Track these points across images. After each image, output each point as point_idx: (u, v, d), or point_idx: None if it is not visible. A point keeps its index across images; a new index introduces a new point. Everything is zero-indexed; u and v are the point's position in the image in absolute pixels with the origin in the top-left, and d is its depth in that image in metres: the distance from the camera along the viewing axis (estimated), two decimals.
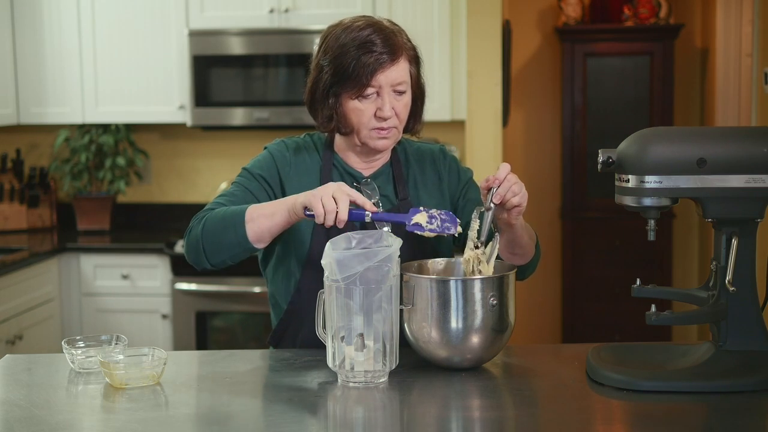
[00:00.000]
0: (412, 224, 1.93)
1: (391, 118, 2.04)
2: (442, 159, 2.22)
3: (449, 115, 4.38)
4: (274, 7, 4.43)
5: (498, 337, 1.89)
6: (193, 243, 2.03)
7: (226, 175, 4.83)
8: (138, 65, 4.53)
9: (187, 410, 1.76)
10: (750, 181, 1.79)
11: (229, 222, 1.98)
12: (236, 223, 1.97)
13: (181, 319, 4.29)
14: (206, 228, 2.00)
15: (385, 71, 2.01)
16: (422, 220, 1.93)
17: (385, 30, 2.04)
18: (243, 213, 1.98)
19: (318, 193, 1.88)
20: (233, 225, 1.97)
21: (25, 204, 4.74)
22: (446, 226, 1.94)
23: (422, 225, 1.93)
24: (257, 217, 1.96)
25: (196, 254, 2.03)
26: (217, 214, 2.01)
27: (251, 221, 1.96)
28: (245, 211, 1.98)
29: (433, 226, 1.93)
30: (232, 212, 2.00)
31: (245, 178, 2.14)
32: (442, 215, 1.94)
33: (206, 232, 2.00)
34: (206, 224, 2.01)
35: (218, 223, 1.99)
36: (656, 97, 5.19)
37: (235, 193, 2.10)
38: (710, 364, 1.83)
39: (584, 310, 5.31)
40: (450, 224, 1.94)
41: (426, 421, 1.71)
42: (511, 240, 2.02)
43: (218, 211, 2.02)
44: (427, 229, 1.93)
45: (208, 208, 2.07)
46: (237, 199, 2.09)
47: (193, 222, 2.05)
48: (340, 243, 1.83)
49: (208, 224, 2.00)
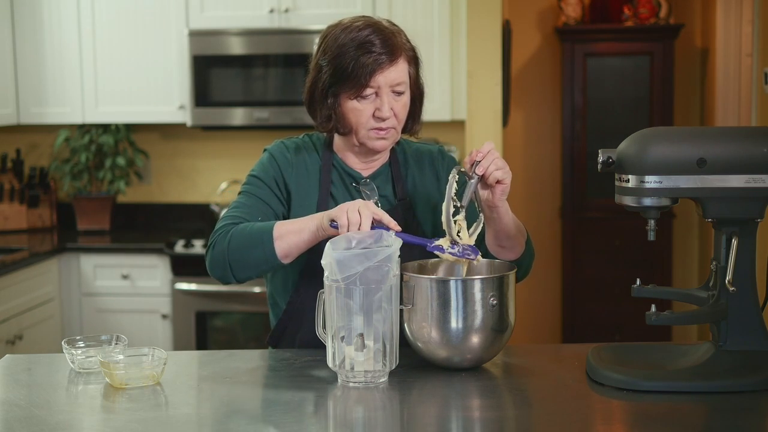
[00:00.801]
0: (433, 245, 1.93)
1: (390, 118, 2.04)
2: (440, 160, 2.22)
3: (449, 115, 4.39)
4: (274, 7, 4.43)
5: (498, 337, 1.89)
6: (219, 259, 2.02)
7: (226, 175, 4.84)
8: (138, 65, 4.53)
9: (187, 410, 1.76)
10: (750, 181, 1.79)
11: (257, 239, 1.98)
12: (264, 240, 1.97)
13: (181, 319, 4.29)
14: (232, 244, 2.00)
15: (384, 72, 2.01)
16: (445, 243, 1.94)
17: (384, 30, 2.04)
18: (271, 230, 1.98)
19: (344, 207, 1.90)
20: (261, 242, 1.97)
21: (25, 204, 4.74)
22: (467, 252, 1.94)
23: (443, 247, 1.93)
24: (285, 233, 1.97)
25: (222, 270, 2.03)
26: (243, 231, 2.01)
27: (279, 238, 1.97)
28: (273, 228, 1.98)
29: (455, 251, 1.94)
30: (259, 229, 2.00)
31: (254, 186, 2.13)
32: (465, 246, 1.95)
33: (233, 249, 2.00)
34: (232, 240, 2.00)
35: (245, 239, 1.99)
36: (656, 97, 5.19)
37: (247, 203, 2.10)
38: (710, 364, 1.83)
39: (584, 310, 5.31)
40: (471, 252, 1.95)
41: (426, 421, 1.71)
42: (498, 230, 2.02)
43: (243, 227, 2.01)
44: (447, 251, 1.93)
45: (227, 222, 2.06)
46: (251, 209, 2.08)
47: (216, 237, 2.04)
48: (340, 243, 1.83)
49: (234, 241, 2.00)
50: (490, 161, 1.92)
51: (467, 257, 1.94)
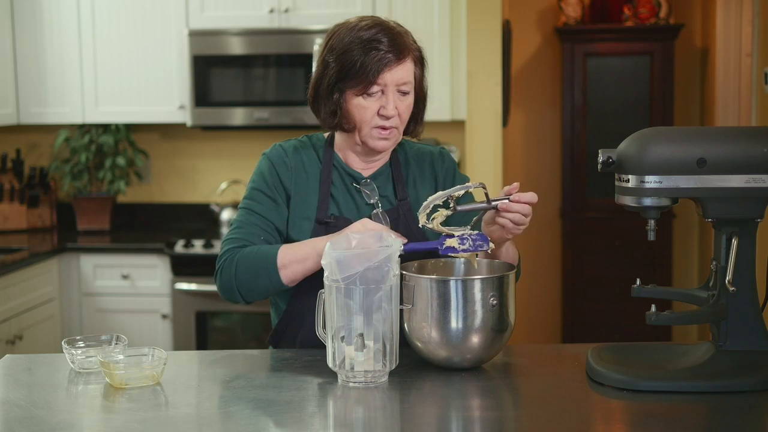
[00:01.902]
0: (444, 248, 1.93)
1: (394, 117, 2.04)
2: (440, 161, 2.22)
3: (449, 115, 4.38)
4: (274, 7, 4.43)
5: (498, 337, 1.89)
6: (227, 286, 2.07)
7: (226, 175, 4.84)
8: (138, 65, 4.53)
9: (187, 410, 1.76)
10: (750, 181, 1.79)
11: (262, 268, 2.02)
12: (269, 269, 2.01)
13: (181, 319, 4.29)
14: (239, 272, 2.04)
15: (392, 70, 2.02)
16: (454, 243, 1.93)
17: (392, 30, 2.04)
18: (275, 259, 2.01)
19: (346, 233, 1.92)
20: (266, 271, 2.02)
21: (25, 204, 4.74)
22: (479, 244, 1.93)
23: (455, 248, 1.92)
24: (289, 263, 2.00)
25: (231, 295, 2.08)
26: (248, 258, 2.04)
27: (284, 268, 2.01)
28: (276, 256, 2.01)
29: (466, 246, 1.93)
30: (263, 257, 2.02)
31: (254, 201, 2.13)
32: (473, 236, 1.94)
33: (240, 277, 2.04)
34: (239, 269, 2.04)
35: (251, 268, 2.03)
36: (656, 97, 5.19)
37: (248, 221, 2.11)
38: (710, 364, 1.83)
39: (584, 310, 5.31)
40: (482, 242, 1.93)
41: (426, 421, 1.71)
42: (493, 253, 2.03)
43: (248, 254, 2.04)
44: (460, 250, 1.93)
45: (231, 246, 2.07)
46: (252, 228, 2.09)
47: (222, 264, 2.07)
48: (340, 243, 1.83)
49: (241, 269, 2.04)
50: (520, 209, 1.91)
51: (480, 249, 1.93)
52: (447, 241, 1.93)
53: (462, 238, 1.93)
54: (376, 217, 2.10)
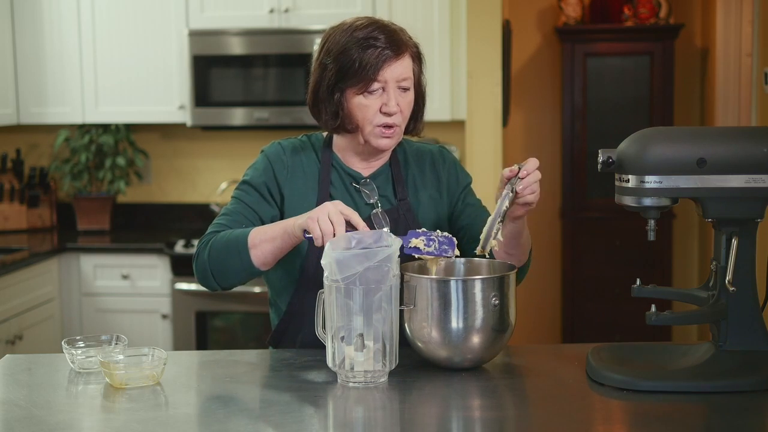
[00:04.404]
0: (409, 247, 1.93)
1: (396, 114, 2.04)
2: (441, 160, 2.22)
3: (449, 115, 4.38)
4: (274, 7, 4.43)
5: (498, 337, 1.89)
6: (201, 269, 2.06)
7: (226, 175, 4.84)
8: (138, 65, 4.53)
9: (187, 410, 1.76)
10: (750, 181, 1.79)
11: (233, 248, 2.00)
12: (240, 249, 1.99)
13: (181, 319, 4.29)
14: (212, 254, 2.03)
15: (391, 66, 2.02)
16: (420, 244, 1.93)
17: (387, 27, 2.05)
18: (246, 239, 1.99)
19: (315, 215, 1.88)
20: (237, 251, 2.00)
21: (25, 204, 4.74)
22: (444, 248, 1.93)
23: (420, 248, 1.93)
24: (259, 242, 1.98)
25: (205, 279, 2.07)
26: (221, 240, 2.03)
27: (254, 247, 1.99)
28: (247, 236, 2.00)
29: (431, 248, 1.93)
30: (235, 238, 2.01)
31: (243, 192, 2.14)
32: (440, 238, 1.94)
33: (212, 259, 2.03)
34: (211, 250, 2.03)
35: (222, 249, 2.02)
36: (656, 97, 5.19)
37: (234, 210, 2.12)
38: (710, 364, 1.83)
39: (584, 310, 5.31)
40: (448, 247, 1.94)
41: (426, 421, 1.71)
42: (511, 236, 2.02)
43: (222, 237, 2.03)
44: (424, 252, 1.93)
45: (211, 230, 2.08)
46: (237, 216, 2.10)
47: (199, 247, 2.07)
48: (339, 243, 1.83)
49: (213, 251, 2.03)
50: (530, 183, 1.91)
51: (444, 255, 1.93)
52: (413, 241, 1.93)
53: (429, 238, 1.93)
54: (376, 217, 2.10)
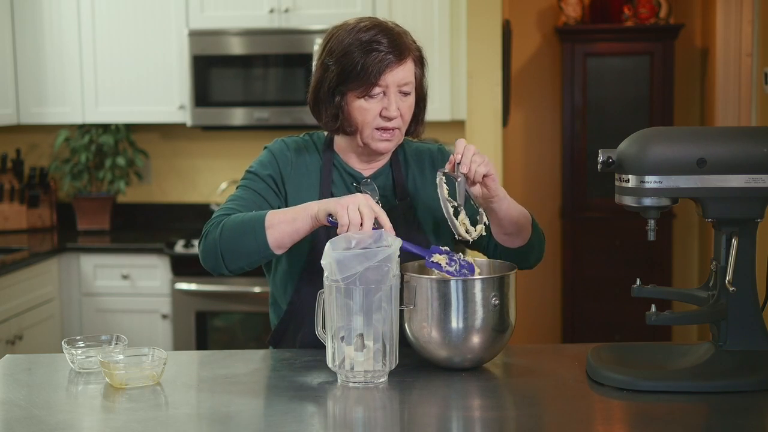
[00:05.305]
0: (431, 262, 1.92)
1: (396, 118, 2.04)
2: (440, 159, 2.22)
3: (449, 115, 4.38)
4: (274, 7, 4.43)
5: (498, 337, 1.89)
6: (211, 249, 2.00)
7: (226, 175, 4.84)
8: (138, 65, 4.53)
9: (187, 410, 1.76)
10: (750, 181, 1.79)
11: (249, 228, 1.95)
12: (256, 229, 1.95)
13: (181, 319, 4.29)
14: (224, 234, 1.98)
15: (393, 71, 2.01)
16: (442, 261, 1.92)
17: (391, 31, 2.04)
18: (263, 219, 1.95)
19: (345, 203, 1.86)
20: (253, 231, 1.95)
21: (25, 204, 4.74)
22: (464, 272, 1.93)
23: (441, 265, 1.92)
24: (277, 223, 1.94)
25: (214, 260, 2.00)
26: (235, 220, 1.99)
27: (271, 227, 1.94)
28: (265, 216, 1.95)
29: (452, 269, 1.92)
30: (250, 218, 1.97)
31: (251, 180, 2.13)
32: (461, 261, 1.94)
33: (224, 239, 1.97)
34: (224, 230, 1.98)
35: (237, 229, 1.97)
36: (656, 97, 5.19)
37: (243, 196, 2.10)
38: (710, 364, 1.83)
39: (584, 310, 5.31)
40: (468, 272, 1.93)
41: (426, 421, 1.71)
42: (501, 218, 2.02)
43: (236, 217, 1.99)
44: (444, 270, 1.91)
45: (221, 213, 2.04)
46: (247, 202, 2.08)
47: (208, 227, 2.02)
48: (339, 243, 1.83)
49: (226, 230, 1.98)
50: (469, 158, 1.91)
51: (464, 277, 1.91)
52: (435, 256, 1.92)
53: (451, 258, 1.93)
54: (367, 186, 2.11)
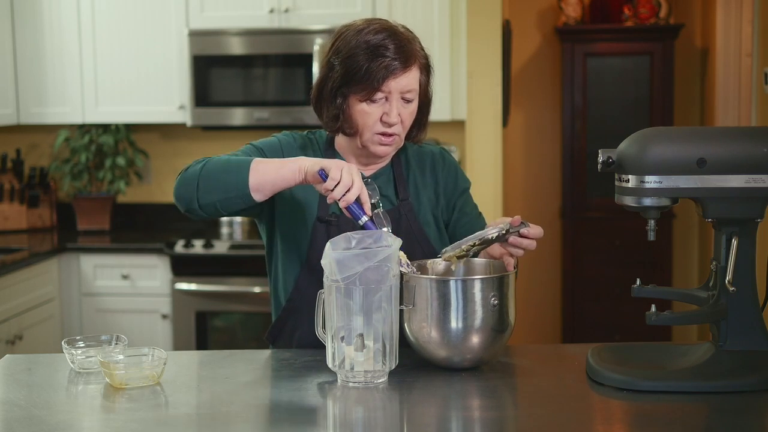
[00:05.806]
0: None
1: (396, 124, 2.04)
2: (441, 162, 2.21)
3: (449, 115, 4.38)
4: (274, 7, 4.43)
5: (498, 337, 1.89)
6: (189, 178, 2.00)
7: None
8: (138, 65, 4.53)
9: (187, 410, 1.76)
10: (750, 181, 1.79)
11: (234, 165, 1.98)
12: (241, 167, 1.97)
13: (181, 319, 4.29)
14: (207, 167, 2.00)
15: (397, 77, 2.01)
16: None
17: (399, 36, 2.03)
18: (249, 160, 1.98)
19: (340, 164, 1.88)
20: (237, 168, 1.97)
21: (25, 204, 4.74)
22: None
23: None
24: (263, 166, 1.96)
25: (187, 190, 2.00)
26: (221, 158, 2.03)
27: (256, 169, 1.96)
28: (252, 159, 1.98)
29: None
30: (237, 158, 2.01)
31: (249, 149, 2.15)
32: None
33: (206, 170, 1.99)
34: (208, 164, 2.01)
35: (221, 164, 1.99)
36: (656, 97, 5.19)
37: (242, 152, 2.12)
38: (710, 364, 1.83)
39: (584, 310, 5.31)
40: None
41: (426, 421, 1.71)
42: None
43: (222, 156, 2.04)
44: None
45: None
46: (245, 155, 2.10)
47: (192, 163, 2.05)
48: (339, 243, 1.83)
49: (210, 164, 2.00)
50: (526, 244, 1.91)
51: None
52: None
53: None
54: (377, 217, 2.10)
